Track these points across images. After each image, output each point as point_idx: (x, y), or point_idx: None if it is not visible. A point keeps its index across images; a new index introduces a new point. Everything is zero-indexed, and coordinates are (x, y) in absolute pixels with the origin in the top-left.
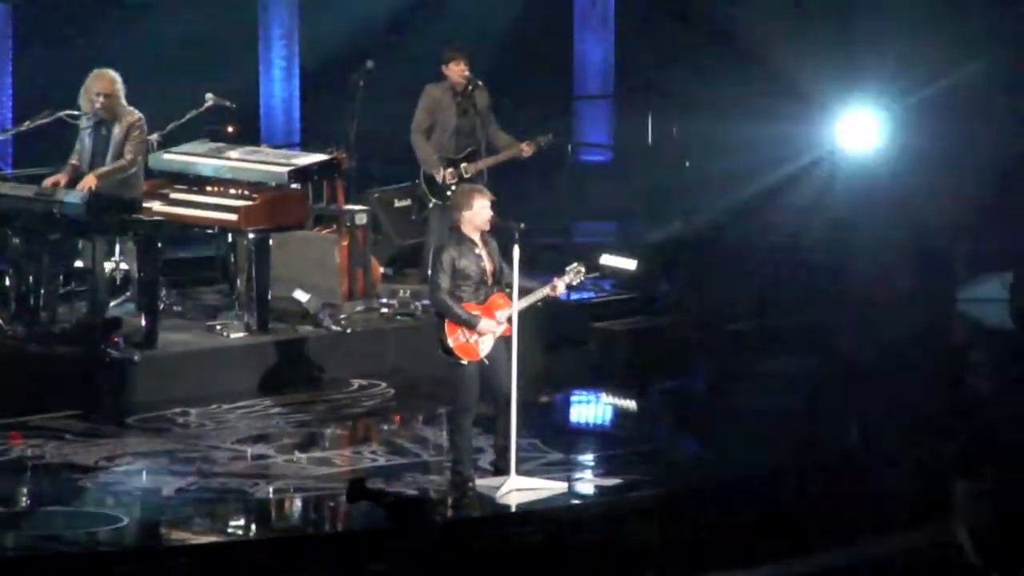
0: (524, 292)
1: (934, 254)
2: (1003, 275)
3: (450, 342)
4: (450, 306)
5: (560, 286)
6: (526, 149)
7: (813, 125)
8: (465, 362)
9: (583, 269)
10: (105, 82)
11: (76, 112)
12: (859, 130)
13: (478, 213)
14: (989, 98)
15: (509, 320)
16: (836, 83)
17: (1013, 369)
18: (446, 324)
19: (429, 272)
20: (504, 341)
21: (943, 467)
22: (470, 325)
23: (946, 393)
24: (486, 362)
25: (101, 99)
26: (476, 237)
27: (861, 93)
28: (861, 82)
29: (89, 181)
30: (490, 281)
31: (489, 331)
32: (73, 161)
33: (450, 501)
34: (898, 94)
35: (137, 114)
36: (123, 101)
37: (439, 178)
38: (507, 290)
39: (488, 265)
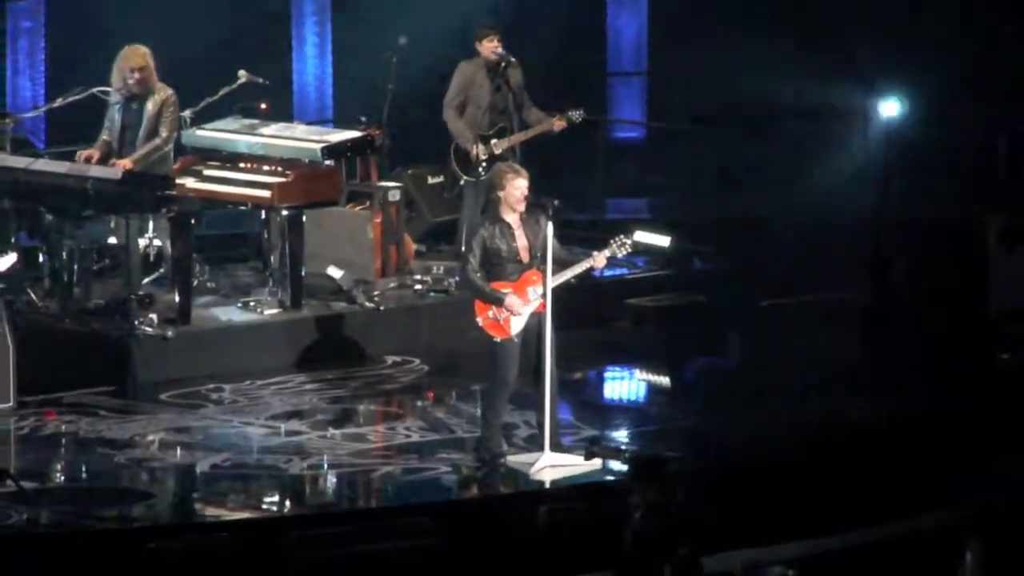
0: (566, 266)
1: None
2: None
3: (479, 320)
4: (476, 284)
5: (600, 259)
6: (557, 124)
7: (852, 95)
8: (498, 339)
9: (628, 241)
10: (138, 57)
11: (108, 88)
12: (894, 102)
13: (511, 192)
14: None
15: (544, 296)
16: (876, 56)
17: None
18: (476, 302)
19: (462, 250)
20: (538, 318)
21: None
22: (496, 302)
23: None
24: (515, 340)
25: (136, 75)
26: (512, 217)
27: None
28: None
29: (124, 164)
30: (525, 259)
31: (516, 309)
32: (104, 137)
33: (479, 477)
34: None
35: (169, 90)
36: (155, 77)
37: (472, 154)
38: (543, 267)
39: (523, 243)
